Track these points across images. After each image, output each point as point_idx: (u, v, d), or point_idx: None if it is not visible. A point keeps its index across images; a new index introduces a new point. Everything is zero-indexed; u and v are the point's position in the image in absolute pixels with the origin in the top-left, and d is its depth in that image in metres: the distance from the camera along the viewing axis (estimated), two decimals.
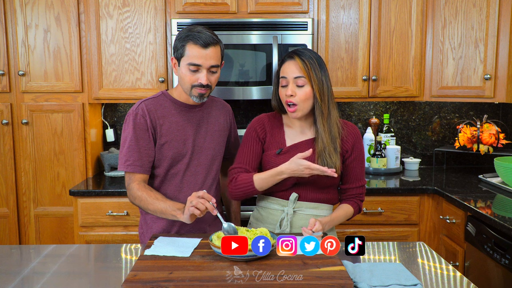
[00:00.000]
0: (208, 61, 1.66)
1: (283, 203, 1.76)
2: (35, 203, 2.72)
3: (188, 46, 1.66)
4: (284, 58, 1.73)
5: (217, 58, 1.69)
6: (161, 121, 1.74)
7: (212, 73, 1.70)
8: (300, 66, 1.67)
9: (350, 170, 1.78)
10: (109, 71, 2.66)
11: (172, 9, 2.65)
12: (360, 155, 1.79)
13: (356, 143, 1.77)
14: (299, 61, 1.67)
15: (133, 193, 1.70)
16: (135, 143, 1.71)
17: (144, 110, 1.73)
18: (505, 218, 1.93)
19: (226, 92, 2.60)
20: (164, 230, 1.79)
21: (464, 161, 3.13)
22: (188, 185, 1.79)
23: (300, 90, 1.67)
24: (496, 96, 2.59)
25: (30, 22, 2.63)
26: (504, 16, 2.52)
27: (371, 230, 2.52)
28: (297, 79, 1.67)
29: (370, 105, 3.08)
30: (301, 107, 1.69)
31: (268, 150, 1.78)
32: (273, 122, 1.82)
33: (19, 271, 1.48)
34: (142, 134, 1.72)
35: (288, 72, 1.68)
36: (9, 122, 2.68)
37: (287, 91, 1.68)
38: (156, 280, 1.28)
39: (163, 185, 1.80)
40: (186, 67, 1.67)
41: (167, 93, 1.81)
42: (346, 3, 2.67)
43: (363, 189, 1.82)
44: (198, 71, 1.67)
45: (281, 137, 1.79)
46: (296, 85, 1.67)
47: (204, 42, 1.64)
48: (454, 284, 1.39)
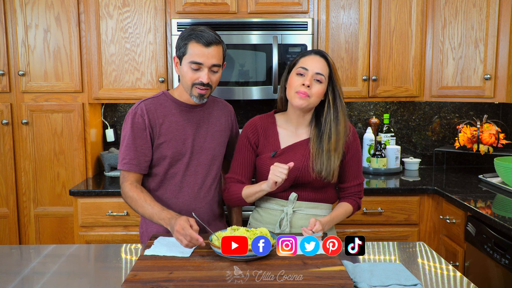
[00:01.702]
0: (209, 59, 1.67)
1: (282, 203, 1.76)
2: (35, 203, 2.72)
3: (191, 45, 1.67)
4: (308, 52, 1.74)
5: (218, 57, 1.70)
6: (161, 121, 1.75)
7: (213, 72, 1.71)
8: (326, 65, 1.70)
9: (348, 169, 1.79)
10: (109, 71, 2.66)
11: (172, 9, 2.65)
12: (357, 153, 1.80)
13: (352, 142, 1.77)
14: (325, 60, 1.71)
15: (125, 192, 1.73)
16: (132, 142, 1.72)
17: (143, 110, 1.74)
18: (505, 218, 1.93)
19: (226, 92, 2.60)
20: (164, 230, 1.79)
21: (464, 161, 3.13)
22: (188, 185, 1.80)
23: (317, 85, 1.69)
24: (496, 96, 2.59)
25: (30, 22, 2.63)
26: (504, 16, 2.52)
27: (371, 230, 2.52)
28: (318, 75, 1.68)
29: (370, 105, 3.08)
30: (311, 100, 1.69)
31: (262, 153, 1.78)
32: (266, 124, 1.82)
33: (19, 271, 1.48)
34: (140, 133, 1.73)
35: (312, 65, 1.69)
36: (9, 122, 2.68)
37: (305, 81, 1.68)
38: (156, 280, 1.28)
39: (163, 185, 1.80)
40: (188, 66, 1.68)
41: (168, 93, 1.81)
42: (346, 3, 2.67)
43: (361, 187, 1.83)
44: (200, 69, 1.68)
45: (275, 139, 1.79)
46: (314, 79, 1.68)
47: (206, 41, 1.65)
48: (454, 284, 1.39)
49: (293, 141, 1.77)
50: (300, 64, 1.71)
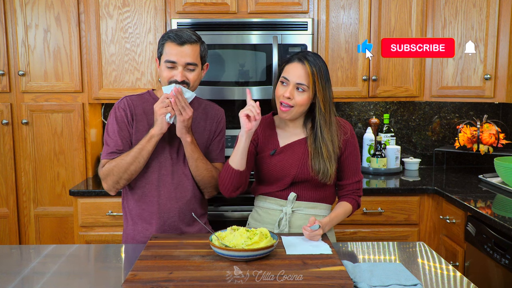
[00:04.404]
0: (183, 58, 1.71)
1: (281, 203, 1.76)
2: (35, 203, 2.72)
3: (166, 45, 1.73)
4: (292, 58, 1.71)
5: (194, 56, 1.73)
6: (140, 117, 1.79)
7: (190, 70, 1.74)
8: (308, 73, 1.67)
9: (346, 166, 1.79)
10: (109, 71, 2.66)
11: (172, 9, 2.65)
12: (355, 151, 1.80)
13: (349, 139, 1.77)
14: (308, 68, 1.67)
15: (105, 169, 1.75)
16: (115, 134, 1.78)
17: (125, 104, 1.80)
18: (505, 218, 1.93)
19: (226, 92, 2.60)
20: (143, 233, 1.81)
21: (464, 161, 3.13)
22: (164, 184, 1.80)
23: (299, 95, 1.68)
24: (496, 96, 2.59)
25: (30, 22, 2.63)
26: (504, 16, 2.53)
27: (371, 230, 2.52)
28: (299, 85, 1.68)
29: (370, 105, 3.08)
30: (295, 110, 1.70)
31: (262, 152, 1.79)
32: (265, 124, 1.83)
33: (19, 271, 1.49)
34: (122, 125, 1.78)
35: (293, 75, 1.68)
36: (9, 122, 2.68)
37: (285, 92, 1.67)
38: (156, 280, 1.28)
39: (140, 183, 1.80)
40: (164, 65, 1.74)
41: (152, 92, 1.87)
42: (346, 3, 2.67)
43: (360, 184, 1.83)
44: (174, 68, 1.73)
45: (274, 138, 1.80)
46: (296, 89, 1.68)
47: (180, 40, 1.70)
48: (454, 284, 1.39)
49: (291, 140, 1.78)
50: (284, 73, 1.71)
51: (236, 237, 1.47)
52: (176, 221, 1.80)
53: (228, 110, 3.00)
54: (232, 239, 1.47)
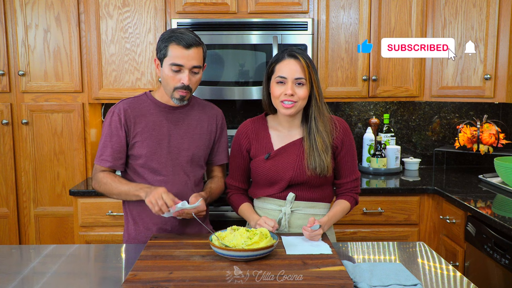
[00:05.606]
0: (190, 61, 1.69)
1: (280, 203, 1.76)
2: (35, 203, 2.72)
3: (171, 47, 1.69)
4: (281, 56, 1.71)
5: (199, 59, 1.72)
6: (137, 120, 1.78)
7: (194, 73, 1.73)
8: (303, 67, 1.67)
9: (343, 165, 1.79)
10: (109, 71, 2.66)
11: (172, 9, 2.65)
12: (351, 149, 1.80)
13: (345, 137, 1.77)
14: (303, 61, 1.68)
15: (98, 179, 1.77)
16: (109, 140, 1.77)
17: (120, 109, 1.78)
18: (505, 218, 1.93)
19: (226, 92, 2.60)
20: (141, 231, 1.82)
21: (464, 161, 3.13)
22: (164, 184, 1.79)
23: (300, 89, 1.68)
24: (496, 96, 2.59)
25: (30, 22, 2.63)
26: (504, 16, 2.53)
27: (371, 230, 2.52)
28: (298, 79, 1.67)
29: (370, 105, 3.08)
30: (299, 104, 1.70)
31: (256, 156, 1.78)
32: (258, 127, 1.82)
33: (19, 271, 1.49)
34: (116, 131, 1.77)
35: (289, 72, 1.68)
36: (9, 122, 2.68)
37: (287, 90, 1.67)
38: (156, 280, 1.28)
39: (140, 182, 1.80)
40: (169, 68, 1.71)
41: (150, 94, 1.85)
42: (346, 3, 2.67)
43: (358, 182, 1.83)
44: (180, 71, 1.71)
45: (267, 141, 1.79)
46: (296, 84, 1.68)
47: (186, 43, 1.68)
48: (454, 284, 1.39)
49: (285, 142, 1.77)
50: (277, 73, 1.70)
51: (236, 237, 1.47)
52: (177, 221, 1.80)
53: (228, 110, 3.01)
54: (232, 239, 1.47)
